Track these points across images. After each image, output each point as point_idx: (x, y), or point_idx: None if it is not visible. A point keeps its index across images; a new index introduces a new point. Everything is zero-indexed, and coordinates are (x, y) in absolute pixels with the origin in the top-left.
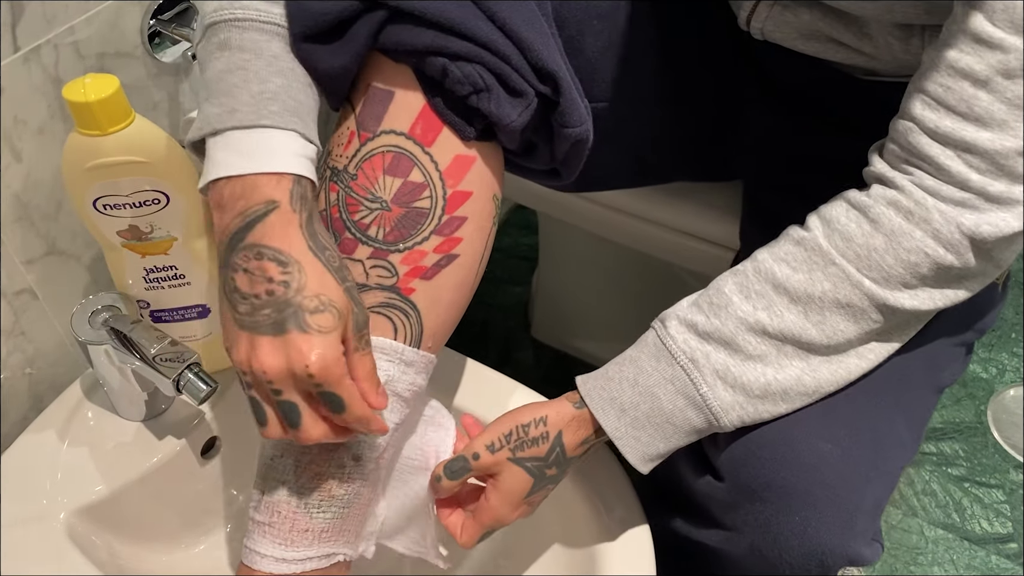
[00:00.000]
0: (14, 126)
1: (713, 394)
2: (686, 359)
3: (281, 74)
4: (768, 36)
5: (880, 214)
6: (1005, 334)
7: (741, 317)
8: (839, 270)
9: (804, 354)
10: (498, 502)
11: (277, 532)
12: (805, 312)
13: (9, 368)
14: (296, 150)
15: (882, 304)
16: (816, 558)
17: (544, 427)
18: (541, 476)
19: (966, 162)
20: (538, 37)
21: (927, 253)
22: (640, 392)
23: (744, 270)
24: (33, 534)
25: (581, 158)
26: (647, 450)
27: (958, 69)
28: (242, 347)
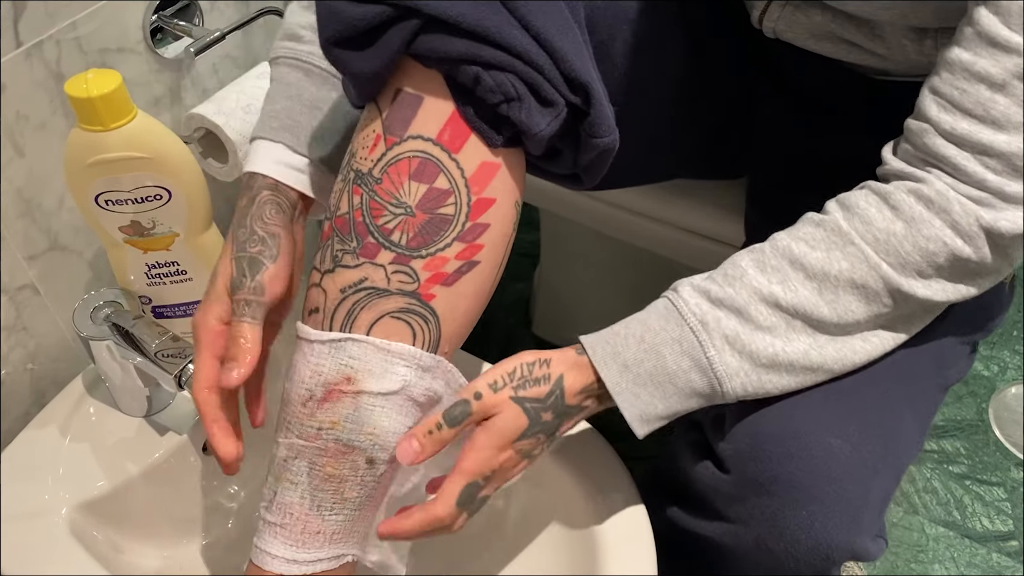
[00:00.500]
0: (16, 121)
1: (720, 358)
2: (696, 321)
3: (288, 98)
4: (780, 35)
5: (901, 201)
6: (1007, 332)
7: (755, 287)
8: (857, 250)
9: (812, 331)
10: (485, 441)
11: (288, 533)
12: (819, 289)
13: (11, 364)
14: (276, 157)
15: (896, 289)
16: (821, 552)
17: (547, 368)
18: (536, 419)
19: (983, 163)
20: (571, 46)
21: (946, 243)
22: (645, 349)
23: (762, 247)
24: (35, 529)
25: (605, 165)
26: (646, 409)
27: (974, 73)
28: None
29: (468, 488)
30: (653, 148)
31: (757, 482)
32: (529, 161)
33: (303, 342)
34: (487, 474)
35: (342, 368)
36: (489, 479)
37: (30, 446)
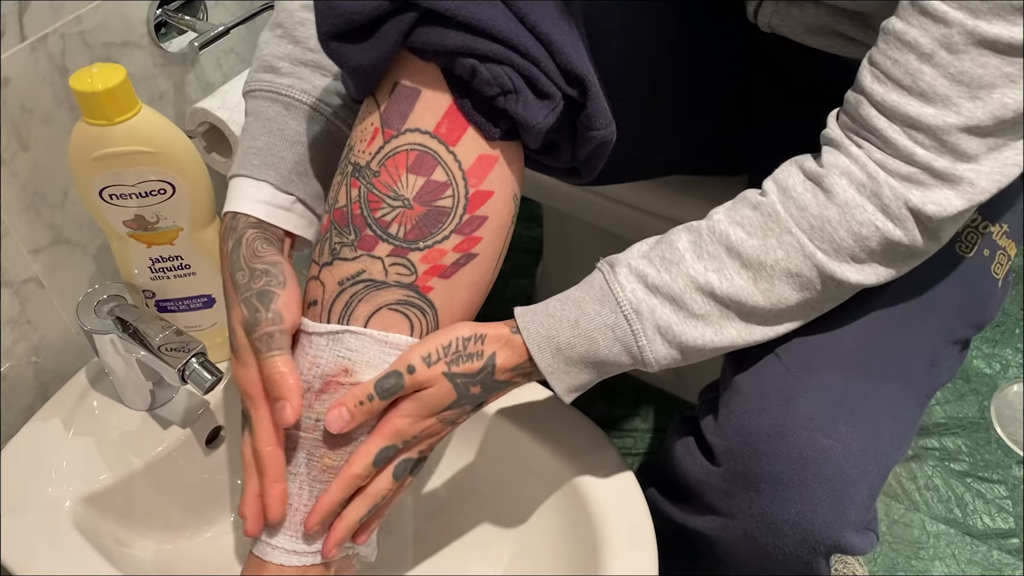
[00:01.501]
0: (21, 115)
1: (651, 347)
2: (631, 309)
3: (269, 133)
4: (775, 29)
5: (834, 184)
6: (1009, 330)
7: (691, 276)
8: (794, 239)
9: (744, 319)
10: (410, 409)
11: (289, 524)
12: (755, 279)
13: (15, 357)
14: (258, 196)
15: (829, 276)
16: (808, 545)
17: (481, 345)
18: (465, 393)
19: (911, 137)
20: (567, 39)
21: (878, 227)
22: (579, 334)
23: (699, 228)
24: (38, 522)
25: (603, 158)
26: (574, 382)
27: (905, 42)
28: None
29: (384, 450)
30: (651, 143)
31: (747, 479)
32: (528, 155)
33: (301, 334)
34: (407, 439)
35: (340, 360)
36: (408, 444)
37: (34, 439)
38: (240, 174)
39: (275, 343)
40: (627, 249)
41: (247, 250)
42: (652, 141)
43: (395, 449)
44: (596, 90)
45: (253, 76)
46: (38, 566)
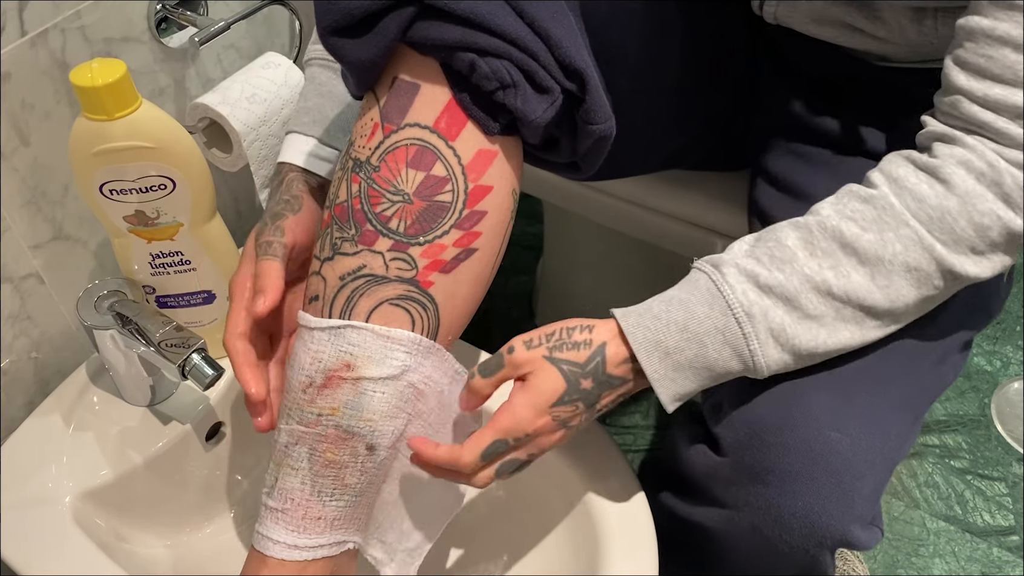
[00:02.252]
0: (21, 110)
1: (763, 351)
2: (742, 311)
3: (319, 95)
4: (781, 20)
5: (952, 174)
6: (1010, 327)
7: (807, 275)
8: (912, 232)
9: (862, 318)
10: (522, 402)
11: (290, 519)
12: (872, 275)
13: (15, 352)
14: (306, 150)
15: (948, 270)
16: (815, 539)
17: (589, 334)
18: (575, 384)
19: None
20: (566, 33)
21: (999, 216)
22: (688, 338)
23: (807, 224)
24: (38, 517)
25: (603, 153)
26: (679, 390)
27: (996, 37)
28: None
29: (496, 444)
30: (653, 138)
31: (754, 471)
32: (528, 151)
33: (303, 329)
34: (519, 436)
35: (341, 355)
36: (520, 442)
37: (34, 435)
38: (293, 130)
39: (271, 250)
40: (727, 249)
41: (284, 187)
42: (653, 136)
43: (505, 445)
44: (595, 84)
45: (310, 48)
46: (38, 562)
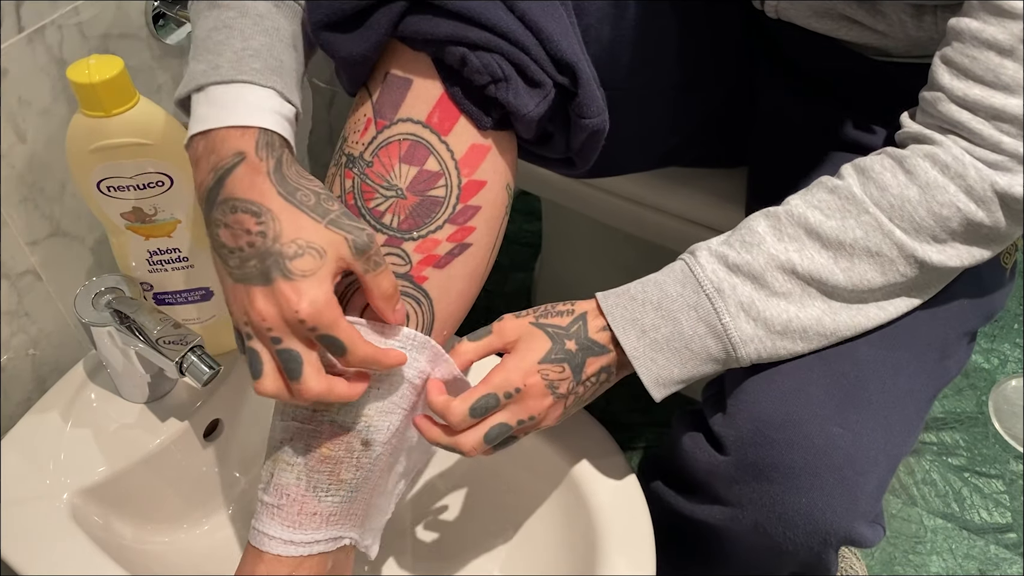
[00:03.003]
0: (18, 107)
1: (735, 324)
2: (712, 288)
3: (265, 33)
4: (782, 15)
5: (916, 165)
6: (1007, 325)
7: (772, 254)
8: (871, 218)
9: (827, 297)
10: (512, 360)
11: (286, 515)
12: (835, 257)
13: (12, 349)
14: (271, 107)
15: (910, 255)
16: (819, 536)
17: (571, 306)
18: (560, 343)
19: (997, 127)
20: (557, 27)
21: (959, 207)
22: (662, 315)
23: (776, 213)
24: (36, 514)
25: (597, 148)
26: (662, 373)
27: (982, 40)
28: (239, 299)
29: (485, 398)
30: (649, 133)
31: (757, 467)
32: (523, 147)
33: None
34: (508, 390)
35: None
36: (511, 399)
37: (31, 431)
38: (242, 79)
39: (381, 258)
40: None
41: (291, 170)
42: (650, 132)
43: (496, 400)
44: (587, 78)
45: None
46: (36, 558)
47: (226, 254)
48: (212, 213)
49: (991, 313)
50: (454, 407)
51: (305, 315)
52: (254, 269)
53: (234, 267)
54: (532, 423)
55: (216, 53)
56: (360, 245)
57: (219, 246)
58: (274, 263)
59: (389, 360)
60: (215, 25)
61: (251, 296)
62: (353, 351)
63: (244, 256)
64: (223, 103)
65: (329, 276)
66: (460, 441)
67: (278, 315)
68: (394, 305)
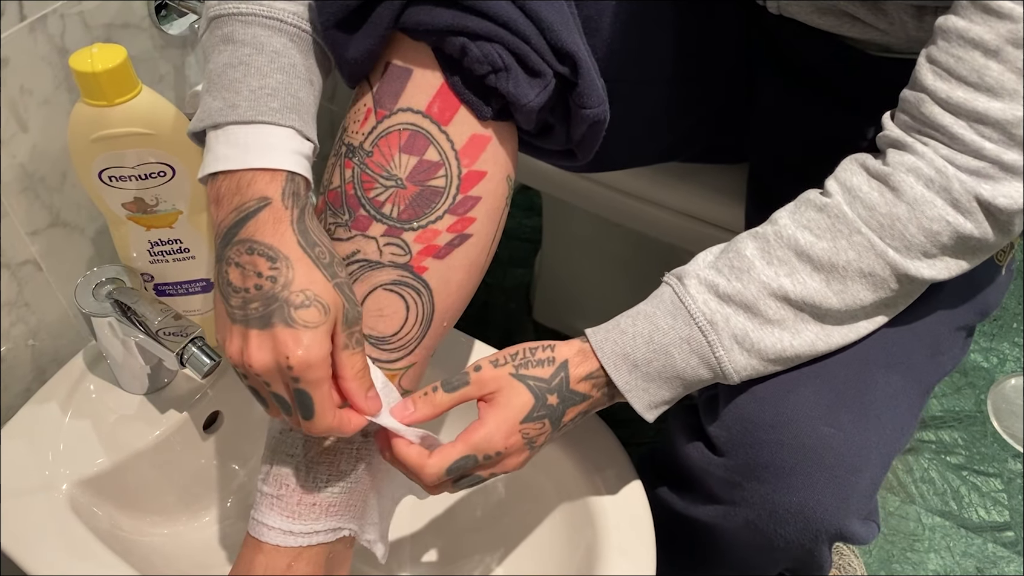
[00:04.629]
0: (20, 96)
1: (728, 357)
2: (705, 321)
3: (282, 70)
4: (784, 11)
5: (901, 181)
6: (1006, 324)
7: (764, 282)
8: (864, 239)
9: (820, 321)
10: (493, 420)
11: (285, 505)
12: (827, 280)
13: (12, 339)
14: (293, 147)
15: (903, 274)
16: (811, 534)
17: (551, 352)
18: (542, 399)
19: (978, 132)
20: (558, 17)
21: (948, 221)
22: (654, 350)
23: (765, 234)
24: (35, 505)
25: (597, 139)
26: (653, 399)
27: (968, 39)
28: (234, 340)
29: (464, 459)
30: (649, 127)
31: (749, 468)
32: (524, 140)
33: None
34: (488, 453)
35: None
36: (490, 460)
37: (31, 422)
38: (261, 120)
39: (361, 339)
40: (692, 261)
41: (313, 223)
42: (650, 125)
43: (474, 461)
44: (587, 68)
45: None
46: (35, 549)
47: (230, 293)
48: (226, 251)
49: (986, 308)
50: (430, 466)
51: (295, 362)
52: (255, 312)
53: (235, 307)
54: (503, 473)
55: (233, 91)
56: (351, 318)
57: (225, 284)
58: (278, 308)
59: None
60: (230, 61)
61: (247, 339)
62: (319, 418)
63: (248, 298)
64: (244, 144)
65: (329, 334)
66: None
67: (271, 360)
68: (365, 389)
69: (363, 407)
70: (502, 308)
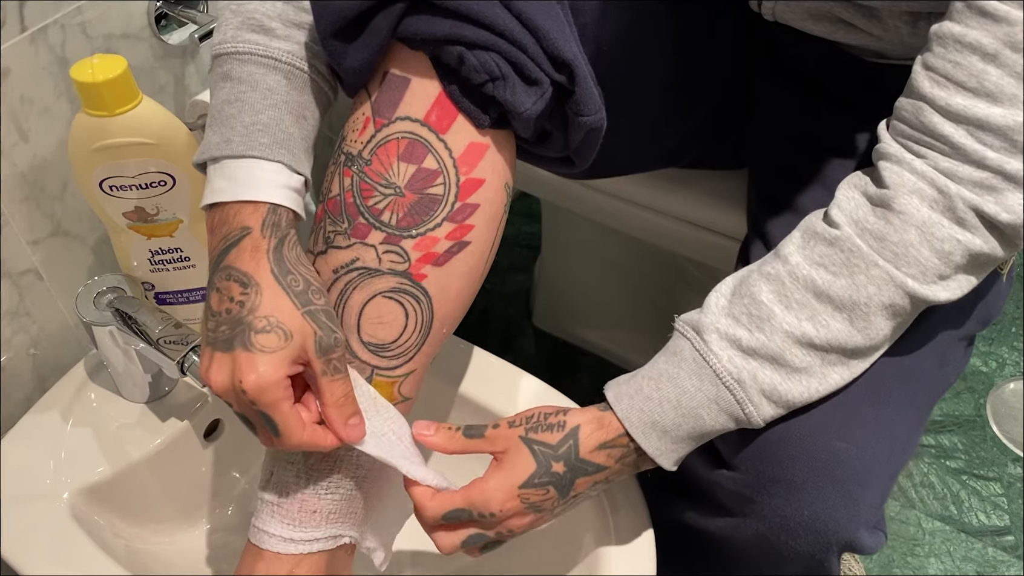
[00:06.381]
0: (21, 106)
1: (758, 412)
2: (732, 380)
3: (274, 107)
4: (779, 17)
5: (905, 205)
6: (1005, 328)
7: (787, 331)
8: (882, 272)
9: (847, 360)
10: (493, 480)
11: (285, 512)
12: (851, 319)
13: (13, 348)
14: (280, 181)
15: (921, 300)
16: (821, 545)
17: (563, 418)
18: (546, 466)
19: (980, 140)
20: (554, 26)
21: (959, 240)
22: (683, 414)
23: (778, 276)
24: (36, 513)
25: (595, 146)
26: (679, 455)
27: (965, 44)
28: (204, 360)
29: (458, 511)
30: (647, 134)
31: (759, 482)
32: (522, 147)
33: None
34: (484, 512)
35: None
36: (486, 520)
37: (32, 431)
38: (251, 155)
39: (343, 365)
40: (704, 306)
41: (292, 253)
42: (648, 132)
43: (468, 515)
44: (584, 75)
45: (238, 35)
46: (36, 558)
47: (208, 316)
48: (212, 277)
49: (987, 318)
50: (430, 508)
51: (248, 387)
52: (223, 335)
53: (210, 329)
54: (512, 534)
55: (228, 127)
56: (324, 344)
57: (207, 307)
58: (240, 332)
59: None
60: (227, 98)
61: (211, 360)
62: (287, 436)
63: (220, 321)
64: (236, 178)
65: (288, 360)
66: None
67: (228, 383)
68: (346, 417)
69: (343, 435)
70: (502, 314)
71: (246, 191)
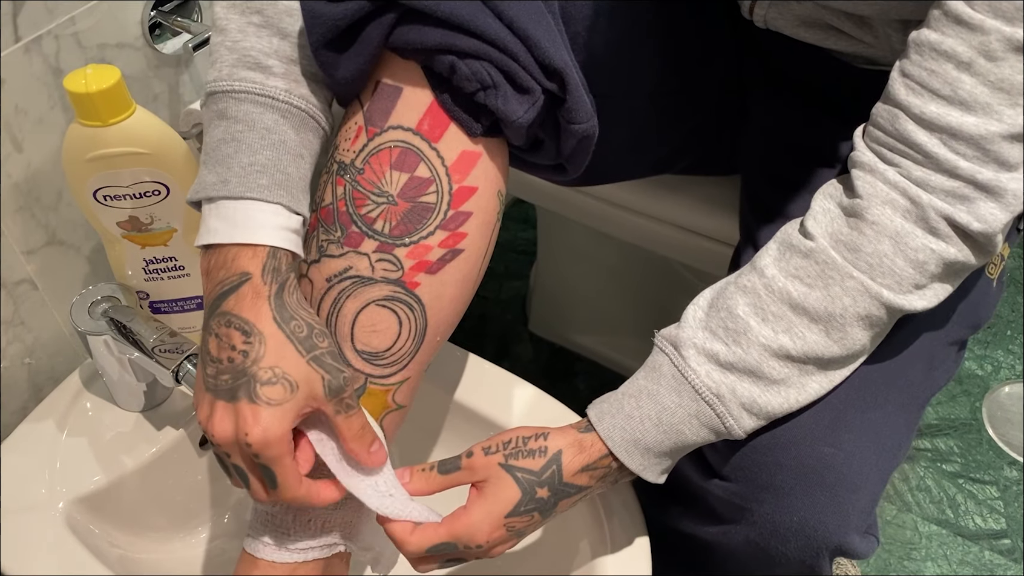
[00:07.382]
0: (15, 116)
1: (739, 424)
2: (711, 394)
3: (272, 147)
4: (770, 24)
5: (879, 215)
6: (1001, 331)
7: (764, 343)
8: (857, 283)
9: (824, 370)
10: (477, 512)
11: (280, 521)
12: (827, 330)
13: (8, 358)
14: (279, 223)
15: (897, 310)
16: (812, 550)
17: (544, 442)
18: (530, 493)
19: (953, 149)
20: (545, 34)
21: (932, 249)
22: (665, 431)
23: (754, 287)
24: (32, 523)
25: (587, 154)
26: (663, 468)
27: (941, 52)
28: (204, 407)
29: (444, 545)
30: (639, 141)
31: (748, 489)
32: (515, 155)
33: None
34: (469, 544)
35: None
36: (469, 549)
37: (27, 440)
38: (249, 196)
39: (354, 401)
40: (682, 320)
41: (292, 298)
42: (640, 139)
43: (454, 548)
44: (575, 84)
45: (234, 72)
46: (32, 567)
47: (207, 361)
48: (209, 321)
49: (978, 322)
50: (411, 544)
51: (253, 440)
52: (225, 384)
53: (209, 375)
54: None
55: (225, 166)
56: (334, 387)
57: (204, 352)
58: (245, 383)
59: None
60: (223, 137)
61: (213, 409)
62: (284, 490)
63: (221, 369)
64: (233, 220)
65: (293, 412)
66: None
67: (231, 433)
68: (367, 446)
69: (368, 462)
70: (498, 320)
71: (244, 234)
